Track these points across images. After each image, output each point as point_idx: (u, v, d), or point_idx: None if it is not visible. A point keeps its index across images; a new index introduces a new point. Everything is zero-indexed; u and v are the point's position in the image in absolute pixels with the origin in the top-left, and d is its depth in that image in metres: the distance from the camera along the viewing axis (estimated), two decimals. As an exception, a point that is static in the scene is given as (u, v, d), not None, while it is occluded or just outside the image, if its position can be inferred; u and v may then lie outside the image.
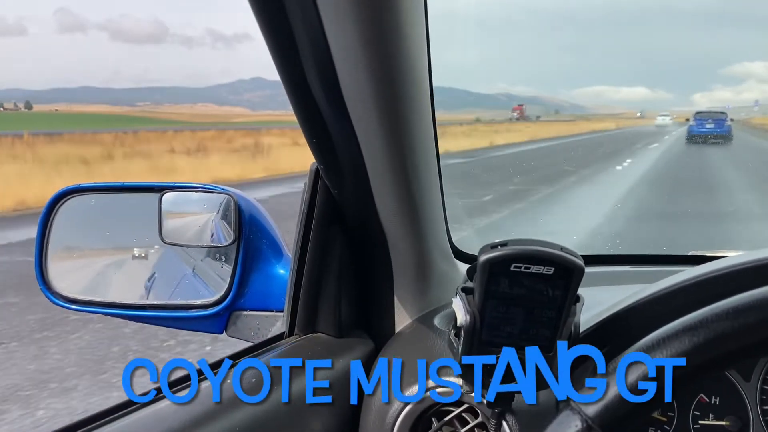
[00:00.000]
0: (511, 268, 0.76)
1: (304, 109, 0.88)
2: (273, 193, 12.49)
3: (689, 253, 1.49)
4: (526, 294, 0.78)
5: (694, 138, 19.63)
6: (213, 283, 1.29)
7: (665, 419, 1.00)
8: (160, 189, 1.20)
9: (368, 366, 1.10)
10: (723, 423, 0.98)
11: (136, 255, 1.38)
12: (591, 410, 0.65)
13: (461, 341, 0.82)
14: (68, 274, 1.30)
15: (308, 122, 0.90)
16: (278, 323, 1.17)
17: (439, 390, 0.99)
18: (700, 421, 0.99)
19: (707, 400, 0.99)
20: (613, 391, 0.65)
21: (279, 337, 1.11)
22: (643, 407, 0.66)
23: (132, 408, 0.83)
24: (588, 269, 0.88)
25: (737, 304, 0.65)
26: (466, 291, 0.82)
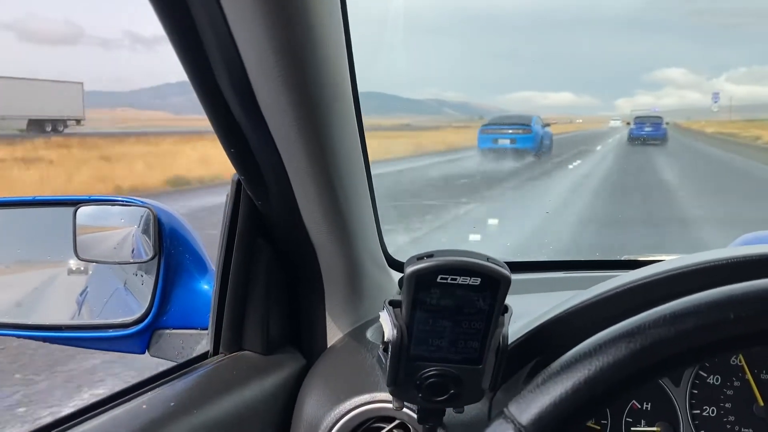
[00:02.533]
0: (438, 280, 0.74)
1: (219, 118, 0.84)
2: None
3: (623, 258, 1.50)
4: (454, 306, 0.76)
5: (633, 140, 21.74)
6: (144, 298, 1.23)
7: (599, 427, 0.99)
8: (75, 203, 1.14)
9: (298, 383, 1.06)
10: (654, 429, 0.98)
11: (74, 269, 1.31)
12: (524, 418, 0.63)
13: (389, 356, 0.79)
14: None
15: (224, 131, 0.86)
16: (204, 341, 1.12)
17: (368, 407, 0.96)
18: (632, 428, 0.99)
19: (639, 406, 0.99)
20: (546, 399, 0.64)
21: (203, 357, 1.06)
22: (577, 415, 0.65)
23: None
24: (521, 276, 0.87)
25: (675, 309, 0.64)
26: (394, 304, 0.79)
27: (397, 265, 1.31)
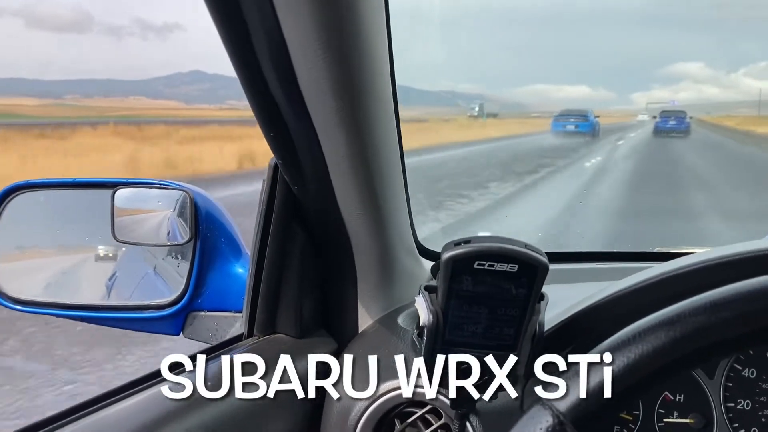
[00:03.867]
0: (475, 266, 0.74)
1: (260, 102, 0.85)
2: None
3: (655, 250, 1.49)
4: (490, 292, 0.76)
5: (659, 132, 24.35)
6: (174, 282, 1.25)
7: (630, 418, 0.99)
8: (113, 185, 1.16)
9: (330, 367, 1.07)
10: (687, 421, 0.98)
11: (101, 255, 1.33)
12: (562, 405, 0.63)
13: (424, 341, 0.80)
14: (17, 275, 1.25)
15: (265, 115, 0.87)
16: (237, 324, 1.13)
17: (402, 391, 0.96)
18: (664, 419, 0.98)
19: (672, 398, 0.99)
20: (585, 387, 0.64)
21: (238, 339, 1.07)
22: (614, 403, 0.65)
23: (88, 410, 0.79)
24: (553, 266, 0.87)
25: (715, 298, 0.63)
26: (429, 289, 0.80)
27: (428, 254, 1.31)
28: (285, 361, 1.01)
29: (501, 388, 0.83)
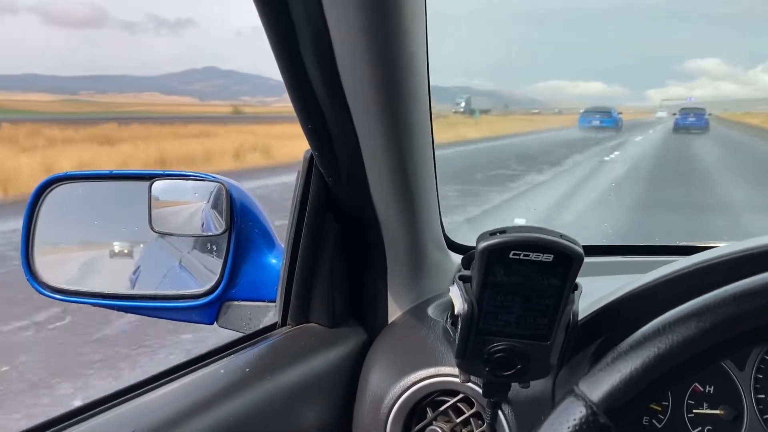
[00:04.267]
0: (510, 256, 0.75)
1: (300, 94, 0.87)
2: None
3: (681, 244, 1.49)
4: (525, 282, 0.77)
5: (679, 129, 25.69)
6: (200, 275, 1.27)
7: (659, 408, 1.00)
8: (150, 177, 1.18)
9: (362, 356, 1.09)
10: (717, 412, 0.98)
11: (116, 251, 1.35)
12: (595, 396, 0.64)
13: (458, 330, 0.81)
14: (55, 264, 1.28)
15: (304, 107, 0.89)
16: (270, 313, 1.16)
17: (433, 380, 0.98)
18: (694, 410, 0.99)
19: (701, 390, 0.99)
20: (617, 377, 0.65)
21: (271, 328, 1.10)
22: (647, 392, 0.65)
23: (125, 398, 0.81)
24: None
25: (744, 288, 0.64)
26: (464, 279, 0.81)
27: (456, 247, 1.32)
28: (318, 349, 1.03)
29: (534, 377, 0.84)
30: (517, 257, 0.75)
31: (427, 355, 1.01)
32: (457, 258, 1.30)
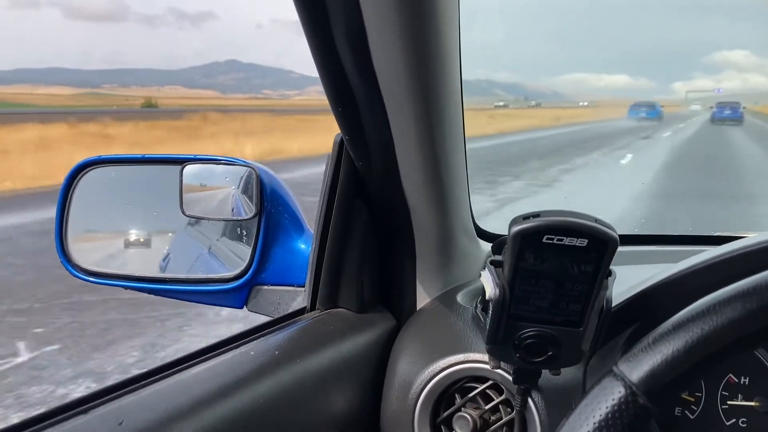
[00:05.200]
0: (543, 240, 0.74)
1: (331, 77, 0.86)
2: None
3: (714, 234, 1.46)
4: (558, 267, 0.76)
5: (716, 121, 29.37)
6: (229, 261, 1.28)
7: (692, 399, 0.98)
8: (182, 161, 1.19)
9: (390, 342, 1.09)
10: (752, 404, 0.96)
11: (132, 241, 1.36)
12: (635, 376, 0.63)
13: (489, 315, 0.80)
14: (88, 248, 1.30)
15: (335, 90, 0.88)
16: (299, 298, 1.16)
17: (462, 366, 0.98)
18: (728, 402, 0.97)
19: (736, 381, 0.97)
20: (659, 358, 0.63)
21: (300, 312, 1.10)
22: (689, 374, 0.64)
23: (157, 377, 0.82)
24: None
25: None
26: (495, 264, 0.80)
27: (485, 236, 1.32)
28: (347, 334, 1.03)
29: (565, 364, 0.83)
30: (551, 242, 0.74)
31: (456, 341, 1.00)
32: (486, 246, 1.29)
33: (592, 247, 0.74)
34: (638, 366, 0.63)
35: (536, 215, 0.75)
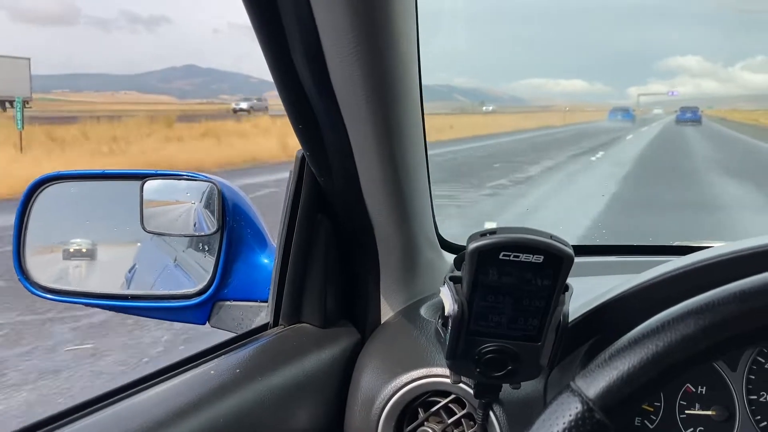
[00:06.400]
0: (500, 257, 0.75)
1: (291, 94, 0.86)
2: None
3: (675, 244, 1.49)
4: (515, 283, 0.77)
5: (679, 122, 36.09)
6: (195, 273, 1.27)
7: (652, 409, 1.00)
8: (142, 177, 1.18)
9: (354, 356, 1.09)
10: (709, 413, 0.98)
11: (72, 251, 1.33)
12: (592, 392, 0.64)
13: (448, 331, 0.81)
14: (47, 264, 1.28)
15: (294, 107, 0.88)
16: (262, 313, 1.15)
17: (425, 380, 0.98)
18: (686, 411, 0.99)
19: (693, 390, 0.99)
20: (615, 374, 0.64)
21: (263, 328, 1.09)
22: (645, 389, 0.65)
23: (112, 400, 0.81)
24: (576, 259, 0.86)
25: (744, 287, 0.64)
26: (454, 280, 0.81)
27: (449, 247, 1.32)
28: (310, 350, 1.03)
29: (524, 377, 0.84)
30: (507, 258, 0.75)
31: (419, 355, 1.00)
32: (450, 257, 1.30)
33: (547, 264, 0.75)
34: (594, 382, 0.64)
35: (493, 232, 0.76)
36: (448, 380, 0.95)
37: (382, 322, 1.15)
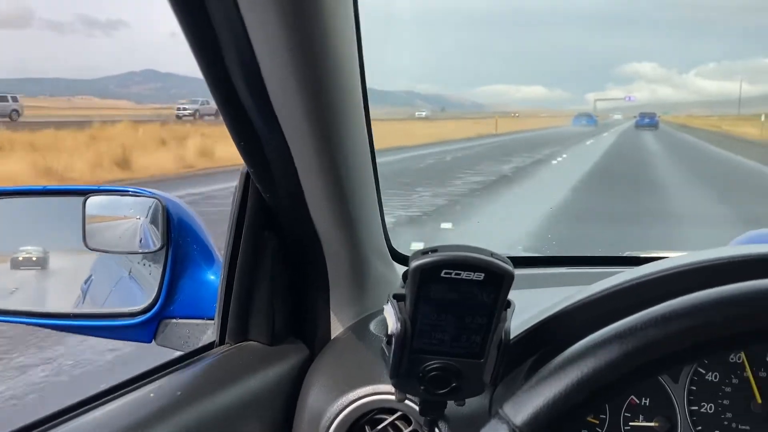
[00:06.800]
0: (442, 275, 0.75)
1: (230, 111, 0.85)
2: None
3: (625, 254, 1.51)
4: (457, 300, 0.77)
5: (639, 126, 37.76)
6: (149, 286, 1.24)
7: (597, 421, 1.01)
8: (85, 192, 1.15)
9: (303, 374, 1.07)
10: (652, 424, 0.99)
11: (20, 259, 1.30)
12: (519, 419, 0.64)
13: (392, 349, 0.81)
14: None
15: (235, 125, 0.87)
16: (209, 331, 1.13)
17: (371, 398, 0.97)
18: (630, 423, 1.00)
19: (637, 402, 1.00)
20: (540, 400, 0.65)
21: (209, 347, 1.07)
22: (571, 415, 0.66)
23: (45, 427, 0.79)
24: (524, 271, 0.87)
25: (665, 311, 0.65)
26: (398, 297, 0.81)
27: (401, 259, 1.32)
28: (256, 368, 1.02)
29: (468, 394, 0.84)
30: (449, 276, 0.75)
31: (366, 372, 1.00)
32: (402, 269, 1.29)
33: (488, 281, 0.76)
34: (522, 409, 0.64)
35: (435, 250, 0.76)
36: (394, 397, 0.94)
37: (332, 338, 1.14)
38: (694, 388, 0.99)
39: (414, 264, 0.76)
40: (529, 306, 1.00)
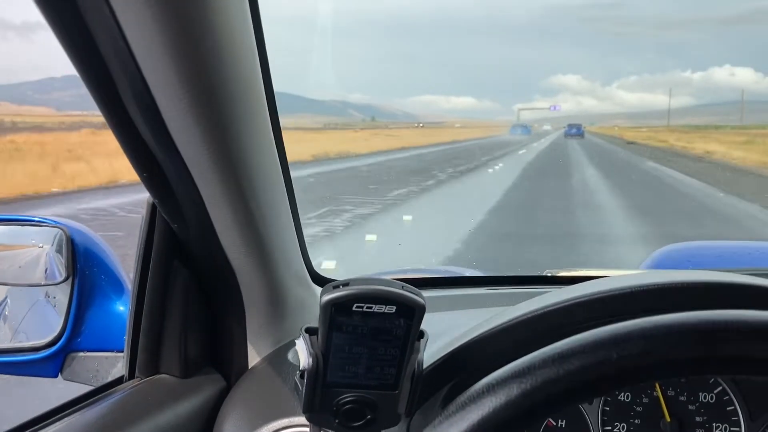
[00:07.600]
0: (354, 308, 0.75)
1: (130, 143, 0.81)
2: None
3: (545, 273, 1.53)
4: (370, 333, 0.77)
5: (567, 136, 41.19)
6: (55, 319, 1.18)
7: None
8: None
9: (218, 405, 1.04)
10: None
11: None
12: None
13: (305, 383, 0.79)
14: None
15: (136, 157, 0.83)
16: (119, 364, 1.09)
17: (287, 431, 0.95)
18: None
19: (554, 424, 1.02)
20: (455, 430, 0.65)
21: (119, 381, 1.03)
22: None
23: None
24: (443, 292, 0.86)
25: (562, 349, 0.66)
26: (310, 331, 0.80)
27: (322, 281, 1.30)
28: (167, 403, 0.98)
29: (384, 426, 0.83)
30: (361, 309, 0.75)
31: (282, 404, 0.98)
32: None
33: (400, 313, 0.75)
34: None
35: (346, 284, 0.76)
36: (309, 431, 0.92)
37: (249, 367, 1.11)
38: (608, 408, 1.01)
39: (325, 298, 0.75)
40: (449, 329, 1.00)
